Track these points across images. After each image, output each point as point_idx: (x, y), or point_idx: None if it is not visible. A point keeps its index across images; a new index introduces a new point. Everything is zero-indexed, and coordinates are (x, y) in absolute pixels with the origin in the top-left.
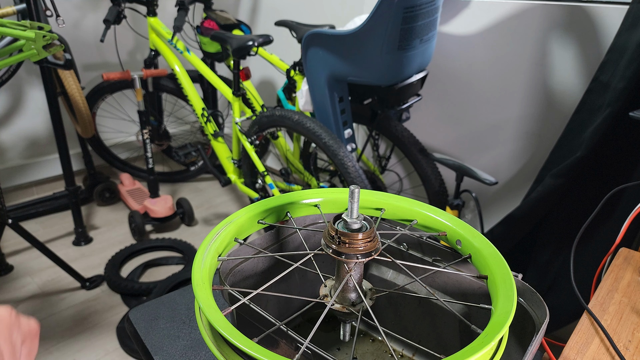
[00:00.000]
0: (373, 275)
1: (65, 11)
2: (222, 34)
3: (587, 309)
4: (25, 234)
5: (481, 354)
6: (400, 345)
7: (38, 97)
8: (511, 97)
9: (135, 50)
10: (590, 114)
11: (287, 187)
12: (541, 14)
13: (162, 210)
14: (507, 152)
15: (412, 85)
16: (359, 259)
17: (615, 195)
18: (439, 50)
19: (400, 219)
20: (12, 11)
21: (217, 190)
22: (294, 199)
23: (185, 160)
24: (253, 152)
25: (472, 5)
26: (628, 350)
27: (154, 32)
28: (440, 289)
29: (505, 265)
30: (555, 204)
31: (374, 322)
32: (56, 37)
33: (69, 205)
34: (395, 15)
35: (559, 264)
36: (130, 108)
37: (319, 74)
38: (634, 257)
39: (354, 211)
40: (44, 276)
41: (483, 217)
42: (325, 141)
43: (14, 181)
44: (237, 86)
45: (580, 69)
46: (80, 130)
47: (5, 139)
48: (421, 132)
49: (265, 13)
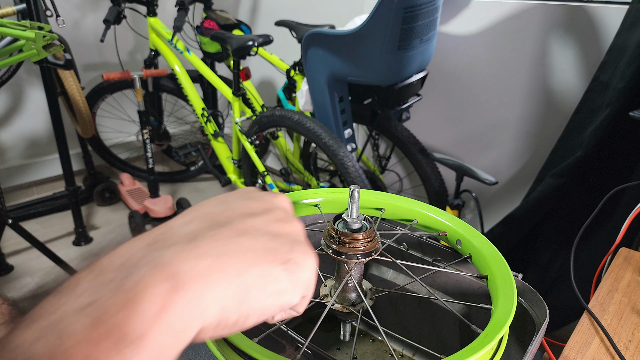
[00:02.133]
0: (373, 275)
1: (65, 11)
2: (222, 34)
3: (587, 309)
4: (25, 234)
5: (481, 354)
6: (400, 345)
7: (38, 97)
8: (511, 97)
9: (135, 50)
10: (590, 114)
11: (287, 187)
12: (541, 14)
13: (162, 210)
14: (507, 152)
15: (412, 85)
16: (359, 258)
17: (615, 195)
18: (439, 50)
19: (400, 219)
20: (12, 11)
21: (217, 190)
22: (294, 199)
23: (185, 160)
24: (253, 152)
25: (472, 5)
26: (628, 350)
27: (154, 32)
28: (441, 289)
29: (505, 265)
30: (555, 204)
31: (374, 322)
32: (56, 37)
33: (69, 205)
34: (395, 15)
35: (559, 264)
36: (130, 108)
37: (319, 74)
38: (634, 257)
39: (354, 211)
40: (44, 276)
41: (483, 217)
42: (325, 141)
43: (14, 181)
44: (237, 86)
45: (580, 69)
46: (80, 130)
47: (5, 139)
48: (421, 132)
49: (265, 13)
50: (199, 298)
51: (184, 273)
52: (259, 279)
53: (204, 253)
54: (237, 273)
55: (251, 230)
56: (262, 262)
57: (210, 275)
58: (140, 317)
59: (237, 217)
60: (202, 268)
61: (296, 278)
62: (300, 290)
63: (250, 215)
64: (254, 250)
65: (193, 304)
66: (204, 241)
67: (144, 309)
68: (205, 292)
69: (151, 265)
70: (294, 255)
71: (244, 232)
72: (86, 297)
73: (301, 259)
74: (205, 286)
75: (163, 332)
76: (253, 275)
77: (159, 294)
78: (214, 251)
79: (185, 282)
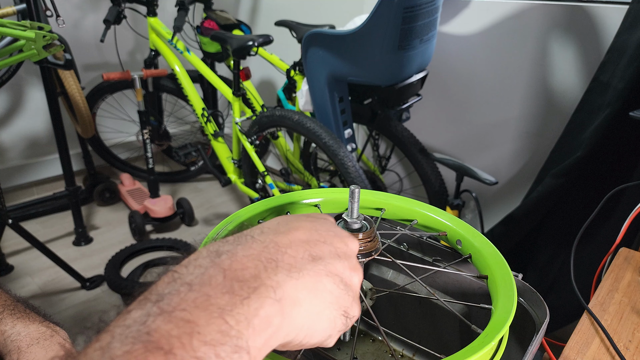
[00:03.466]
0: (373, 275)
1: (65, 11)
2: (222, 34)
3: (587, 309)
4: (25, 234)
5: (481, 354)
6: (400, 345)
7: (38, 97)
8: (511, 97)
9: (135, 50)
10: (590, 114)
11: (287, 187)
12: (541, 14)
13: (162, 210)
14: (507, 152)
15: (412, 85)
16: (359, 258)
17: (615, 195)
18: (439, 50)
19: (400, 219)
20: (12, 11)
21: (217, 190)
22: (294, 199)
23: (185, 160)
24: (253, 152)
25: (472, 5)
26: (628, 350)
27: (154, 32)
28: (441, 289)
29: (506, 265)
30: (555, 204)
31: (375, 322)
32: (56, 37)
33: (69, 205)
34: (395, 15)
35: (559, 264)
36: (130, 108)
37: (319, 74)
38: (634, 257)
39: (354, 211)
40: (44, 276)
41: (483, 217)
42: (326, 141)
43: (14, 181)
44: (237, 86)
45: (580, 69)
46: (80, 130)
47: (6, 139)
48: (421, 132)
49: (265, 13)
50: (291, 325)
51: (287, 299)
52: (328, 322)
53: (303, 286)
54: (317, 312)
55: (334, 274)
56: (334, 309)
57: (301, 307)
58: (252, 332)
59: (328, 256)
60: (299, 298)
61: (344, 329)
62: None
63: (337, 257)
64: (332, 295)
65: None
66: (303, 273)
67: (256, 327)
68: (295, 320)
69: (267, 282)
70: (352, 309)
71: (330, 273)
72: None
73: (354, 315)
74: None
75: (263, 349)
76: (325, 317)
77: (270, 316)
78: (309, 286)
79: (288, 307)
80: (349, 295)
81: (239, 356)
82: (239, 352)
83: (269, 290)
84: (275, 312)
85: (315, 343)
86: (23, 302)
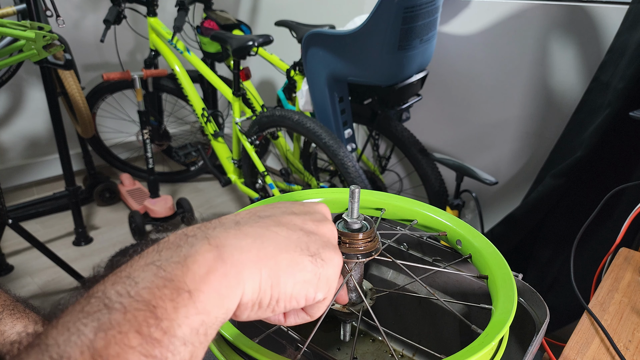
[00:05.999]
0: (373, 275)
1: (65, 11)
2: (222, 34)
3: (587, 309)
4: (25, 234)
5: (481, 354)
6: (400, 345)
7: (38, 97)
8: (511, 97)
9: (135, 50)
10: (590, 114)
11: (287, 187)
12: (541, 14)
13: (162, 211)
14: (507, 152)
15: (412, 85)
16: (359, 259)
17: (615, 195)
18: (439, 50)
19: (400, 219)
20: (12, 11)
21: (217, 190)
22: (294, 199)
23: (185, 160)
24: (253, 152)
25: (472, 5)
26: (628, 350)
27: (154, 32)
28: (441, 289)
29: (506, 265)
30: (555, 204)
31: (375, 322)
32: (56, 37)
33: (69, 205)
34: (395, 15)
35: (559, 264)
36: (130, 108)
37: (319, 74)
38: (634, 257)
39: (354, 211)
40: (44, 276)
41: (483, 217)
42: (325, 141)
43: (14, 181)
44: (237, 86)
45: (580, 69)
46: (80, 130)
47: (6, 139)
48: (421, 132)
49: (265, 13)
50: (239, 268)
51: (228, 246)
52: (289, 266)
53: (245, 234)
54: (271, 255)
55: (289, 224)
56: (293, 250)
57: (249, 252)
58: (190, 276)
59: (279, 213)
60: (243, 245)
61: (321, 272)
62: (323, 286)
63: (291, 212)
64: (288, 239)
65: (233, 273)
66: (246, 226)
67: (194, 270)
68: (244, 265)
69: (201, 237)
70: (323, 252)
71: (282, 224)
72: (149, 258)
73: (328, 257)
74: (244, 260)
75: (209, 292)
76: (284, 260)
77: (206, 259)
78: (254, 234)
79: (228, 253)
80: (313, 240)
81: (181, 298)
82: (179, 292)
83: (203, 240)
84: (214, 257)
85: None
86: (23, 302)
